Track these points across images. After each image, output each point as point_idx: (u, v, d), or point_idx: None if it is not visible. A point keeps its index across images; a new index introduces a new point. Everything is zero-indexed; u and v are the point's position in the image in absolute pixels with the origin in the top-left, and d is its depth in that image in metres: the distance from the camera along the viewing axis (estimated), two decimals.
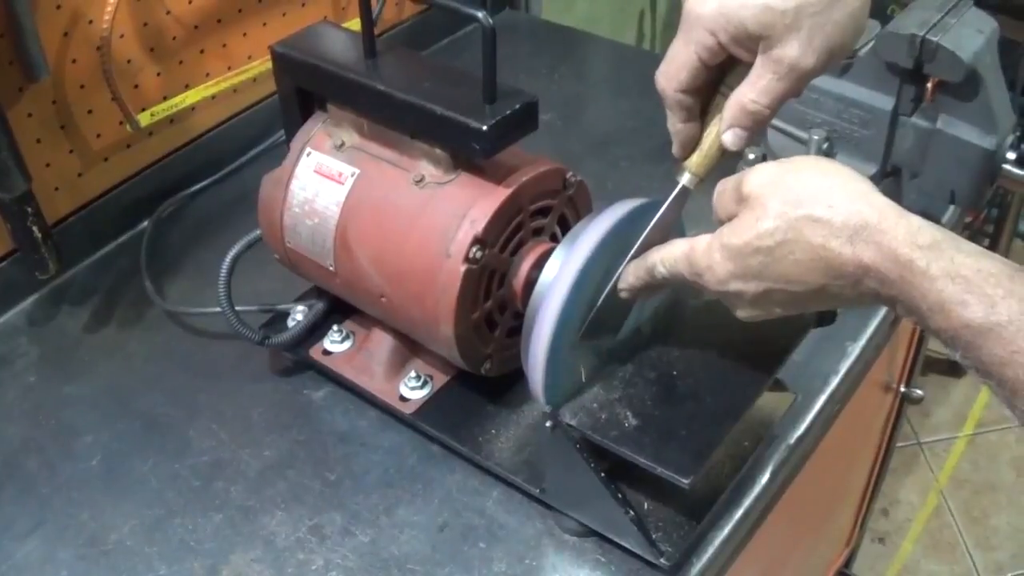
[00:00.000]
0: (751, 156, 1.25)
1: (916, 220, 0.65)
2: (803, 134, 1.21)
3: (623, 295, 0.82)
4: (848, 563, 1.96)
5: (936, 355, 2.71)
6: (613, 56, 1.68)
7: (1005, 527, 2.45)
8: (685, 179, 0.81)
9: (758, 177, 0.70)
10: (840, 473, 1.58)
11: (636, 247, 0.81)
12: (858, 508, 1.86)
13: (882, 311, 1.12)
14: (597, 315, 0.83)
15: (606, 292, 0.82)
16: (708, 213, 0.77)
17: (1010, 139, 1.15)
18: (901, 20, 1.12)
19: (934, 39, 1.09)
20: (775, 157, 1.25)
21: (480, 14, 0.82)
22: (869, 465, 1.77)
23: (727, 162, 0.81)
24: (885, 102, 1.17)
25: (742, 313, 0.74)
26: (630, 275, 0.81)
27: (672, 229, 0.82)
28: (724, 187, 0.74)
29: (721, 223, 0.73)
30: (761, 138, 1.27)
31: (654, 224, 0.81)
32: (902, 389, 1.61)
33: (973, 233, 2.83)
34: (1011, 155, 1.15)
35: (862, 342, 1.08)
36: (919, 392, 1.60)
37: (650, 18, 2.41)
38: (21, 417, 1.06)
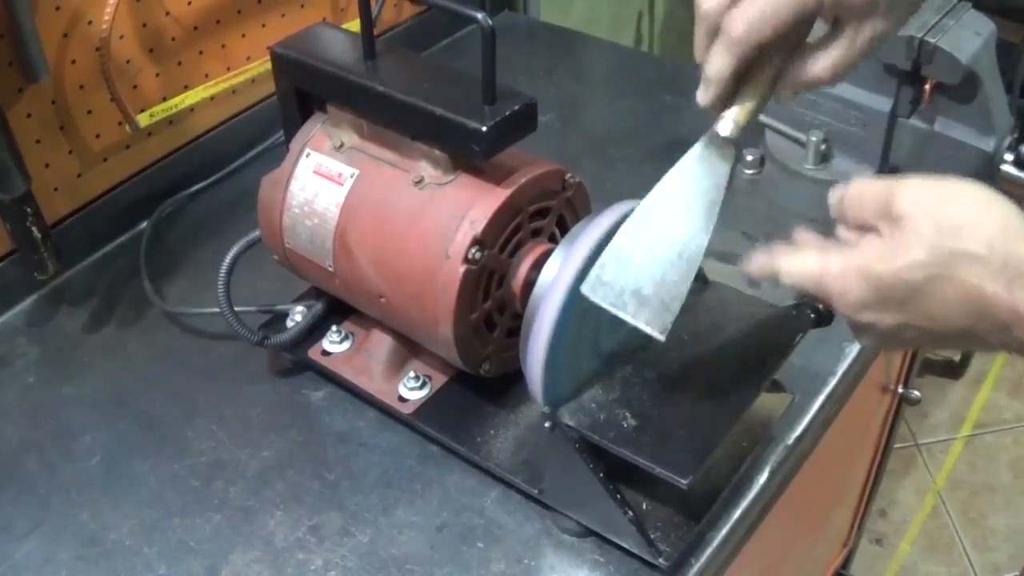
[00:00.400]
0: (749, 158, 1.26)
1: None
2: (801, 135, 1.21)
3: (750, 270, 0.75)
4: (846, 564, 1.97)
5: (934, 357, 2.72)
6: (611, 57, 1.68)
7: (1002, 528, 2.45)
8: (726, 128, 0.74)
9: (913, 195, 0.64)
10: (838, 474, 1.58)
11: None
12: (856, 509, 1.86)
13: None
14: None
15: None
16: None
17: (1008, 141, 1.15)
18: None
19: (932, 41, 1.09)
20: (773, 159, 1.26)
21: (479, 15, 0.82)
22: (867, 466, 1.77)
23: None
24: (883, 104, 1.18)
25: (866, 341, 0.69)
26: (754, 268, 0.73)
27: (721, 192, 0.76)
28: (864, 190, 0.67)
29: (845, 225, 0.68)
30: (759, 139, 1.27)
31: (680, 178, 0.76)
32: (900, 390, 1.61)
33: None
34: (1009, 156, 1.15)
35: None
36: (916, 393, 1.60)
37: (648, 20, 2.41)
38: (20, 417, 1.06)
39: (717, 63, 0.71)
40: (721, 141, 0.75)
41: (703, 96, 0.74)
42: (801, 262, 0.69)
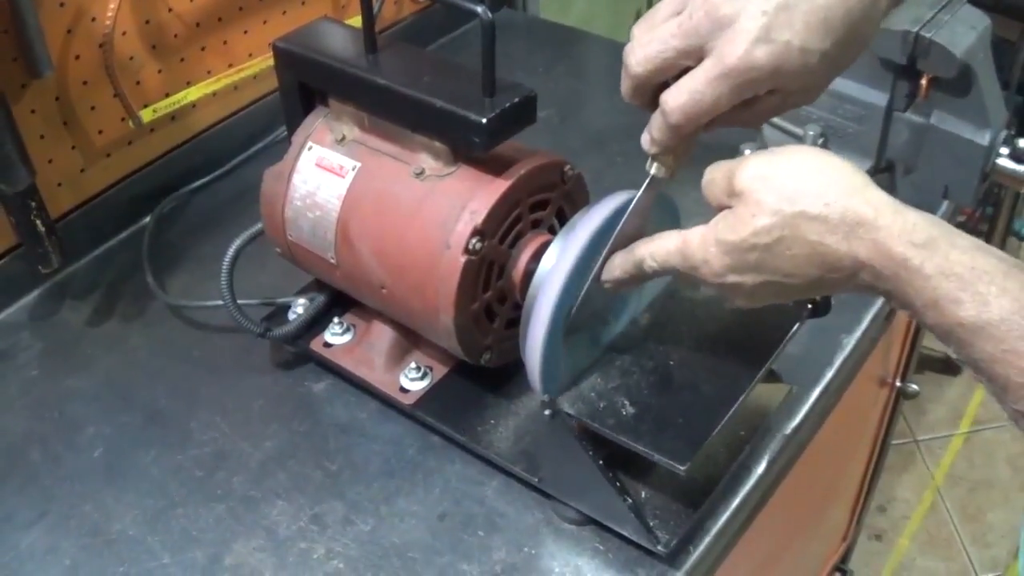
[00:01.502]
0: (746, 152, 1.26)
1: (912, 216, 0.65)
2: (798, 130, 1.22)
3: (607, 287, 0.81)
4: (845, 558, 1.97)
5: (932, 353, 2.72)
6: (610, 54, 1.68)
7: (1001, 524, 2.46)
8: (655, 169, 0.78)
9: (750, 170, 0.69)
10: (836, 466, 1.59)
11: (612, 240, 0.80)
12: (854, 503, 1.87)
13: (877, 304, 1.13)
14: (579, 309, 0.82)
15: (586, 287, 0.82)
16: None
17: (1003, 134, 1.16)
18: (895, 16, 1.13)
19: (927, 35, 1.10)
20: None
21: (479, 8, 0.83)
22: (865, 460, 1.78)
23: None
24: (879, 98, 1.18)
25: (739, 302, 0.74)
26: (616, 268, 0.80)
27: (647, 219, 0.81)
28: (713, 175, 0.72)
29: (711, 209, 0.73)
30: (757, 134, 1.28)
31: (628, 216, 0.80)
32: (897, 384, 1.62)
33: (967, 232, 2.84)
34: (1004, 150, 1.16)
35: (857, 334, 1.09)
36: (914, 387, 1.61)
37: None
38: (24, 410, 1.06)
39: (659, 135, 0.75)
40: (659, 181, 0.79)
41: (648, 147, 0.77)
42: (662, 243, 0.75)
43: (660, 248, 0.75)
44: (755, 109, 0.74)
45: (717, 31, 0.69)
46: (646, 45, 0.73)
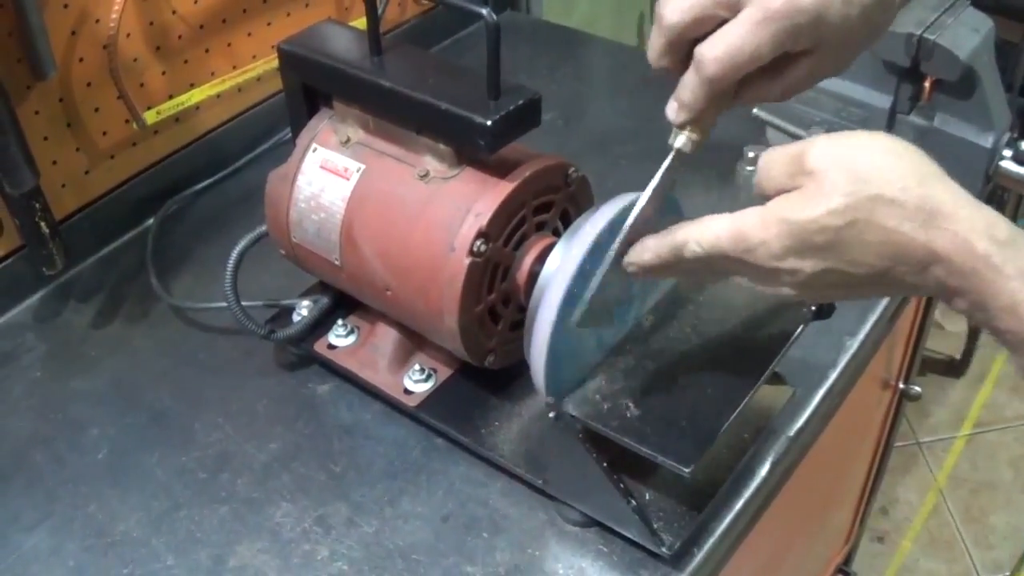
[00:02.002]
0: (751, 155, 1.27)
1: (992, 212, 0.61)
2: (802, 132, 1.22)
3: (631, 271, 0.76)
4: (847, 561, 1.97)
5: (935, 355, 2.73)
6: (613, 56, 1.69)
7: (1003, 526, 2.46)
8: (679, 141, 0.74)
9: (823, 150, 0.65)
10: (839, 468, 1.59)
11: (631, 220, 0.75)
12: (857, 505, 1.87)
13: (880, 307, 1.13)
14: (595, 298, 0.79)
15: (602, 273, 0.78)
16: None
17: (1006, 137, 1.16)
18: (898, 19, 1.13)
19: (931, 38, 1.10)
20: None
21: (484, 10, 0.83)
22: (868, 462, 1.78)
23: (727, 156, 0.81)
24: (883, 100, 1.19)
25: (789, 291, 0.69)
26: (647, 251, 0.73)
27: (664, 200, 0.77)
28: (774, 158, 0.67)
29: (766, 198, 0.67)
30: (760, 136, 1.28)
31: (650, 195, 0.75)
32: (900, 386, 1.62)
33: None
34: (1007, 153, 1.16)
35: (860, 337, 1.09)
36: (917, 389, 1.61)
37: (650, 20, 2.42)
38: (28, 411, 1.07)
39: (691, 96, 0.71)
40: (683, 156, 0.75)
41: (675, 116, 0.74)
42: (708, 225, 0.69)
43: (708, 230, 0.69)
44: (787, 77, 0.71)
45: None
46: None
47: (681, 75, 0.73)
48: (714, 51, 0.68)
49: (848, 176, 0.63)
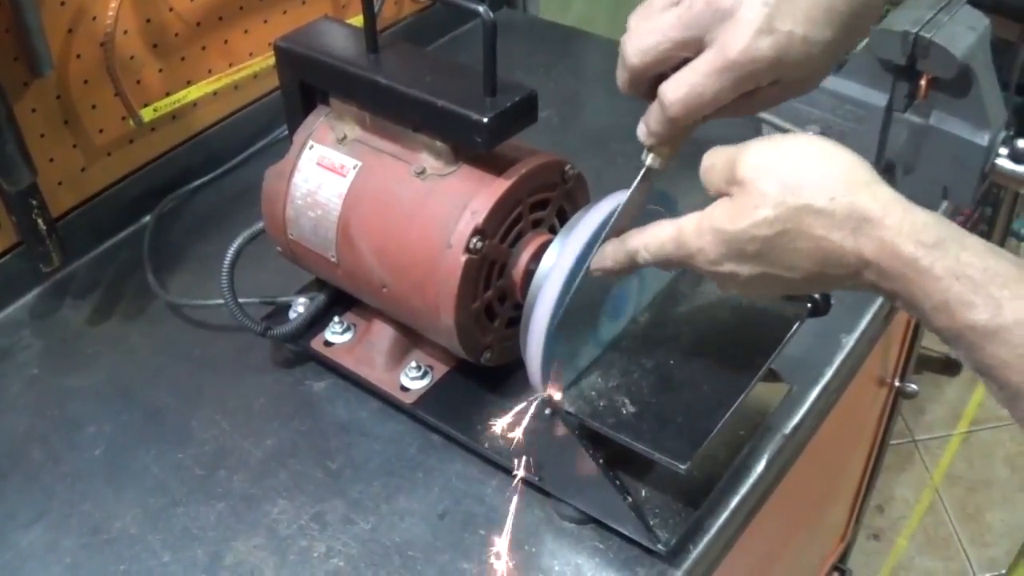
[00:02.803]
0: None
1: (921, 215, 0.63)
2: (797, 130, 1.22)
3: (596, 274, 0.79)
4: (843, 558, 1.97)
5: (931, 353, 2.73)
6: (609, 54, 1.66)
7: (999, 524, 2.47)
8: (650, 160, 0.77)
9: (753, 157, 0.67)
10: (835, 466, 1.59)
11: (605, 233, 0.79)
12: (853, 503, 1.87)
13: (876, 304, 1.13)
14: (572, 301, 0.81)
15: (579, 279, 0.81)
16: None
17: (1002, 135, 1.16)
18: (894, 17, 1.14)
19: (927, 36, 1.10)
20: None
21: (481, 8, 0.83)
22: (864, 459, 1.78)
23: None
24: (879, 98, 1.19)
25: (732, 290, 0.72)
26: (607, 258, 0.77)
27: (641, 211, 0.79)
28: (713, 161, 0.70)
29: (709, 197, 0.71)
30: (756, 134, 1.28)
31: (622, 208, 0.78)
32: (896, 384, 1.62)
33: None
34: (1003, 151, 1.16)
35: (856, 334, 1.09)
36: (913, 386, 1.61)
37: None
38: (25, 408, 1.07)
39: (657, 126, 0.74)
40: (654, 171, 0.78)
41: (645, 139, 0.76)
42: (655, 232, 0.73)
43: (654, 238, 0.73)
44: (753, 100, 0.72)
45: (717, 22, 0.68)
46: (643, 36, 0.72)
47: (646, 100, 0.75)
48: (676, 93, 0.70)
49: (777, 186, 0.65)
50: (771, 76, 0.69)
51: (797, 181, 0.65)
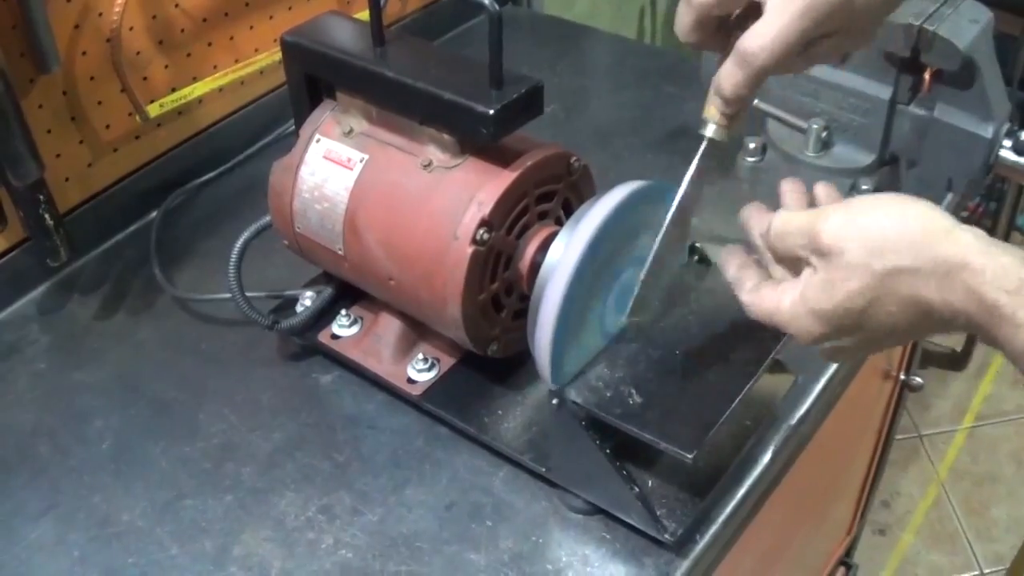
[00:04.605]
0: (751, 146, 1.27)
1: (1004, 258, 0.63)
2: (802, 123, 1.22)
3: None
4: (849, 552, 1.98)
5: (936, 348, 2.73)
6: (614, 49, 1.69)
7: (1005, 519, 2.47)
8: (709, 130, 0.78)
9: (833, 227, 0.68)
10: (840, 458, 1.59)
11: (671, 211, 0.79)
12: (858, 497, 1.87)
13: None
14: (642, 292, 0.82)
15: (648, 268, 0.81)
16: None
17: (1006, 127, 1.16)
18: (898, 10, 1.13)
19: (931, 28, 1.10)
20: (774, 147, 1.27)
21: (487, 1, 0.83)
22: (869, 453, 1.78)
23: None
24: (883, 91, 1.19)
25: (840, 360, 0.75)
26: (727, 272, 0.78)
27: (701, 188, 0.80)
28: (788, 228, 0.71)
29: (779, 257, 0.73)
30: (761, 128, 1.28)
31: (687, 185, 0.79)
32: (902, 377, 1.62)
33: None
34: (1007, 143, 1.16)
35: None
36: (919, 380, 1.61)
37: (650, 14, 2.42)
38: (32, 403, 1.07)
39: (734, 87, 0.75)
40: (716, 144, 0.78)
41: (722, 108, 0.77)
42: (759, 302, 0.74)
43: (758, 307, 0.74)
44: (811, 55, 0.75)
45: None
46: None
47: (708, 47, 0.77)
48: (760, 41, 0.72)
49: (862, 253, 0.66)
50: (840, 21, 0.72)
51: (880, 245, 0.65)
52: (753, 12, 0.74)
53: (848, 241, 0.67)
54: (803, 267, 0.70)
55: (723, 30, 0.77)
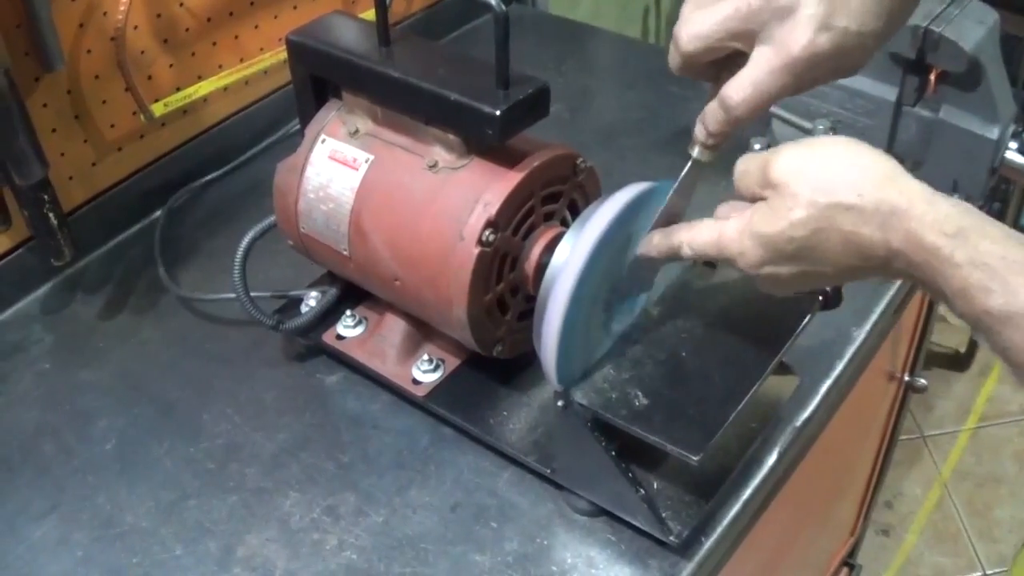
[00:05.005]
0: (756, 147, 1.27)
1: (944, 206, 0.65)
2: (808, 124, 1.22)
3: (641, 260, 0.84)
4: (852, 553, 1.97)
5: (940, 349, 2.73)
6: (619, 49, 1.69)
7: (1008, 520, 2.46)
8: (697, 152, 0.81)
9: (785, 162, 0.70)
10: (845, 459, 1.59)
11: (655, 220, 0.82)
12: (862, 498, 1.87)
13: (887, 297, 1.13)
14: (619, 285, 0.85)
15: (628, 262, 0.84)
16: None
17: (1012, 129, 1.16)
18: None
19: (937, 30, 1.10)
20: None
21: (493, 1, 0.83)
22: (873, 454, 1.78)
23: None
24: (889, 92, 1.19)
25: (772, 290, 0.76)
26: (652, 248, 0.82)
27: (688, 199, 0.83)
28: (747, 167, 0.74)
29: (743, 200, 0.74)
30: (766, 128, 1.28)
31: (671, 197, 0.82)
32: (906, 378, 1.62)
33: None
34: (1013, 144, 1.16)
35: (867, 328, 1.09)
36: (923, 381, 1.61)
37: (655, 13, 2.42)
38: (36, 402, 1.07)
39: (717, 126, 0.78)
40: (700, 164, 0.81)
41: (704, 139, 0.79)
42: (699, 232, 0.77)
43: (698, 237, 0.77)
44: (803, 88, 0.75)
45: (776, 19, 0.72)
46: (699, 24, 0.75)
47: (700, 79, 0.80)
48: (741, 94, 0.74)
49: (808, 187, 0.69)
50: (828, 69, 0.73)
51: (827, 181, 0.68)
52: (741, 56, 0.76)
53: (797, 175, 0.69)
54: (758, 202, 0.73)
55: (713, 66, 0.79)
